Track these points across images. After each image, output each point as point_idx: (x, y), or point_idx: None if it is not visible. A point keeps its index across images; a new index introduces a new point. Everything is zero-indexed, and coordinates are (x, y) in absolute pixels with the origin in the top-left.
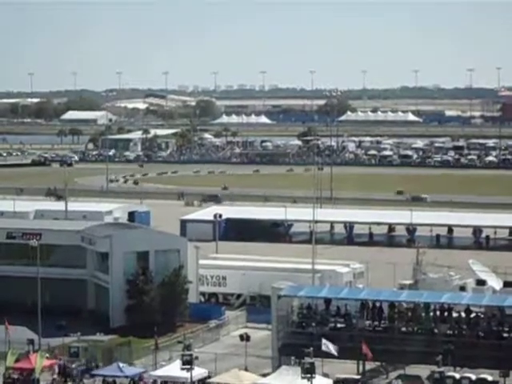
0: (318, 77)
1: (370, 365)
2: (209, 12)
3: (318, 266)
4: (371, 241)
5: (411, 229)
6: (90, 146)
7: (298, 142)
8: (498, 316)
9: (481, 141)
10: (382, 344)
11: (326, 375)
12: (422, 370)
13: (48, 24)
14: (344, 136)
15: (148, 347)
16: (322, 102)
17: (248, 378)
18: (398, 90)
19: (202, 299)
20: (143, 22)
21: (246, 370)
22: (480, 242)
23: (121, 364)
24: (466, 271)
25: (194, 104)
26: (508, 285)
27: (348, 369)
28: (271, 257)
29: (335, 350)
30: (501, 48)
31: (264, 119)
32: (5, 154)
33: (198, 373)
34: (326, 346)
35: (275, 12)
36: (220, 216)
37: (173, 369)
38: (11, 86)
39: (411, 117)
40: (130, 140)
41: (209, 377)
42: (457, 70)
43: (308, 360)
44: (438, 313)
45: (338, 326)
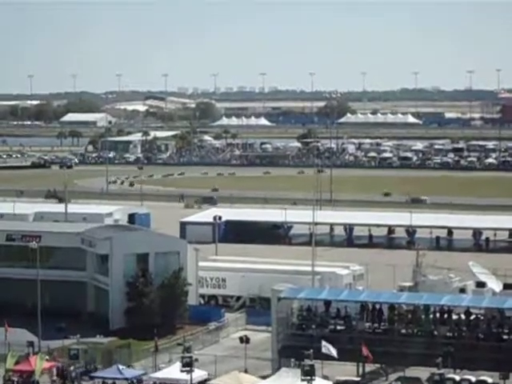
0: (318, 79)
1: (369, 367)
2: (209, 12)
3: (317, 268)
4: (371, 243)
5: (411, 231)
6: (90, 148)
7: (298, 144)
8: (498, 318)
9: (480, 143)
10: (382, 346)
11: (325, 377)
12: (422, 372)
13: (47, 25)
14: (344, 138)
15: (148, 349)
16: (322, 103)
17: (248, 380)
18: (397, 92)
19: (202, 301)
20: (143, 22)
21: (246, 372)
22: (480, 244)
23: (120, 366)
24: (466, 273)
25: (193, 106)
26: (508, 287)
27: (348, 371)
28: (271, 259)
29: (335, 352)
30: (501, 50)
31: (264, 121)
32: (5, 156)
33: (198, 375)
34: (326, 348)
35: (275, 12)
36: (220, 218)
37: (172, 371)
38: (11, 88)
39: (411, 119)
40: (129, 142)
41: (209, 379)
42: (456, 71)
43: (308, 362)
44: (438, 315)
45: (338, 328)
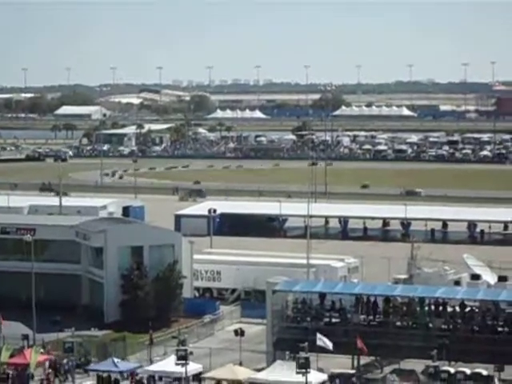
0: (313, 71)
1: (364, 359)
2: (204, 9)
3: (312, 261)
4: (366, 235)
5: (406, 223)
6: (84, 141)
7: (293, 137)
8: (493, 310)
9: (475, 135)
10: (377, 338)
11: (320, 370)
12: (417, 365)
13: (42, 21)
14: (338, 131)
15: (142, 342)
16: (317, 96)
17: (243, 373)
18: (392, 85)
19: (197, 294)
20: (138, 19)
21: (241, 364)
22: (475, 236)
23: (115, 359)
24: (461, 266)
25: (188, 99)
26: (502, 279)
27: (343, 363)
28: (266, 251)
29: (330, 344)
30: (495, 42)
31: (258, 114)
32: None
33: (193, 368)
34: (321, 340)
35: (270, 10)
36: (214, 211)
37: (167, 364)
38: (5, 81)
39: (406, 111)
40: (124, 135)
41: (203, 372)
42: (451, 64)
43: (303, 355)
44: (433, 307)
45: (333, 320)
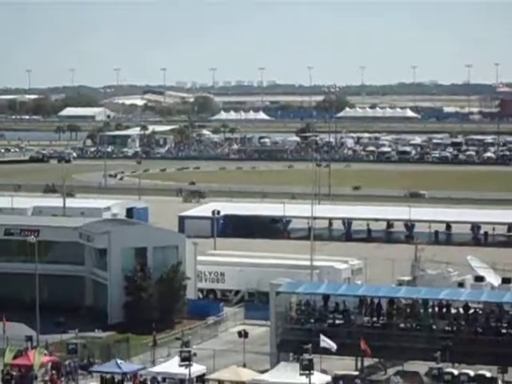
0: (317, 73)
1: (368, 361)
2: (205, 9)
3: (316, 263)
4: (369, 237)
5: (409, 225)
6: (88, 143)
7: (297, 139)
8: (497, 312)
9: (479, 137)
10: (381, 340)
11: (324, 371)
12: (421, 367)
13: (46, 21)
14: (342, 132)
15: (146, 344)
16: (321, 98)
17: (246, 375)
18: (396, 86)
19: (200, 296)
20: (142, 19)
21: (245, 366)
22: (478, 238)
23: (119, 360)
24: (465, 267)
25: (192, 100)
26: (506, 281)
27: (346, 365)
28: (269, 253)
29: (334, 346)
30: (499, 44)
31: (262, 115)
32: (3, 151)
33: (197, 369)
34: (325, 342)
35: (271, 10)
36: (218, 212)
37: (171, 365)
38: (9, 83)
39: (409, 113)
40: (128, 136)
41: (207, 373)
42: (455, 65)
43: (306, 356)
44: (437, 309)
45: (337, 322)
